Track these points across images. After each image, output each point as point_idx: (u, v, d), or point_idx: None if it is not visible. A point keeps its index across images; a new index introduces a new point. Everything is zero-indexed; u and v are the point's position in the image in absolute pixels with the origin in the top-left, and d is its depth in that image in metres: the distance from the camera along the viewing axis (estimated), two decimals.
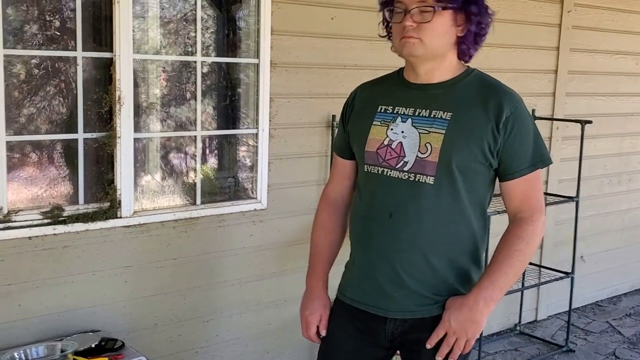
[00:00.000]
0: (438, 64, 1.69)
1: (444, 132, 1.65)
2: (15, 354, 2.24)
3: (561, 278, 3.83)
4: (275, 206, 3.07)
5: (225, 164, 3.13)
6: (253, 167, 3.04)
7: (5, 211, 2.43)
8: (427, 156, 1.65)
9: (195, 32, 2.82)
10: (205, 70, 2.91)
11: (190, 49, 2.89)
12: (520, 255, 1.68)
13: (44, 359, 2.23)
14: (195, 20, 2.81)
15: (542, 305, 4.27)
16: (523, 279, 3.65)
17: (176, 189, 2.95)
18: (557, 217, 4.09)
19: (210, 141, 3.06)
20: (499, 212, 3.01)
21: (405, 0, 1.63)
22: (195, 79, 2.85)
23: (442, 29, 1.64)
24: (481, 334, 1.74)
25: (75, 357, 2.26)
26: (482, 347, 3.57)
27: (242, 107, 3.06)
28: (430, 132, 1.66)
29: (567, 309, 3.90)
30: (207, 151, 3.07)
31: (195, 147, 2.91)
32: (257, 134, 3.00)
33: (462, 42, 1.68)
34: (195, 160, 2.92)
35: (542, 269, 3.96)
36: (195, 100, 2.86)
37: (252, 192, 3.05)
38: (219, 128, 3.06)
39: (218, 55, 3.00)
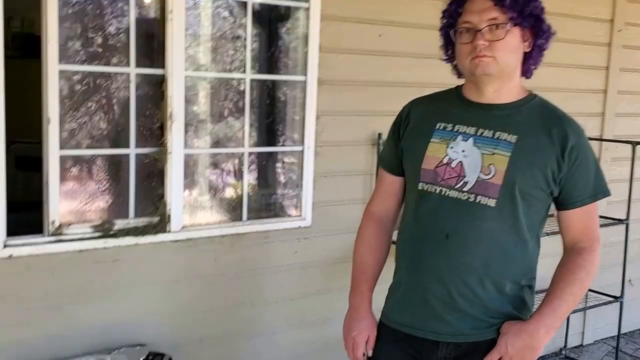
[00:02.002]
0: (506, 82, 1.67)
1: (509, 154, 1.62)
2: None
3: (609, 302, 3.73)
4: (320, 224, 3.06)
5: (271, 180, 3.14)
6: (298, 185, 3.04)
7: (57, 224, 2.46)
8: (491, 178, 1.62)
9: (245, 49, 2.85)
10: (252, 87, 2.93)
11: (237, 67, 2.91)
12: (580, 284, 1.67)
13: None
14: (245, 38, 2.84)
15: (589, 330, 4.16)
16: None
17: (223, 204, 2.97)
18: (606, 240, 3.89)
19: (257, 158, 3.07)
20: (547, 234, 2.94)
21: (474, 20, 1.61)
22: (244, 96, 2.87)
23: (513, 46, 1.62)
24: None
25: None
26: None
27: (288, 125, 3.07)
28: (494, 153, 1.63)
29: (615, 334, 3.80)
30: (254, 168, 3.09)
31: (242, 164, 2.93)
32: (302, 151, 3.00)
33: (528, 57, 1.67)
34: (241, 176, 2.93)
35: (589, 292, 3.85)
36: (243, 117, 2.88)
37: (297, 210, 3.05)
38: (265, 145, 3.07)
39: (265, 72, 3.02)
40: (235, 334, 2.89)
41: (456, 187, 1.65)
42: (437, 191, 1.67)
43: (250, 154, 2.98)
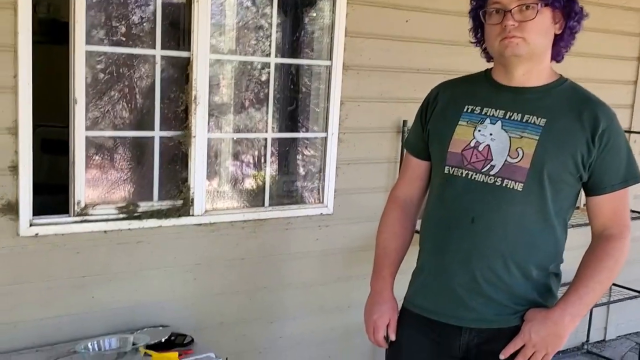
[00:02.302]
0: (536, 65, 1.64)
1: (537, 138, 1.59)
2: (89, 344, 2.29)
3: (634, 297, 3.68)
4: (342, 211, 3.05)
5: (293, 167, 3.13)
6: (321, 172, 3.03)
7: (82, 205, 2.48)
8: (518, 161, 1.60)
9: (270, 33, 2.83)
10: (276, 73, 2.91)
11: (262, 52, 2.90)
12: (608, 273, 1.64)
13: (116, 351, 2.26)
14: (270, 21, 2.82)
15: (611, 325, 4.10)
16: None
17: (245, 190, 2.97)
18: (632, 234, 3.92)
19: (279, 144, 3.06)
20: (572, 226, 2.90)
21: (504, 0, 1.58)
22: (268, 82, 2.86)
23: (544, 27, 1.59)
24: None
25: (146, 350, 2.29)
26: None
27: (311, 110, 3.06)
28: (522, 136, 1.61)
29: (638, 329, 3.74)
30: (276, 154, 3.08)
31: (265, 150, 2.92)
32: (326, 138, 2.98)
33: (559, 40, 1.64)
34: (264, 162, 2.93)
35: (613, 287, 3.79)
36: (267, 102, 2.87)
37: (319, 197, 3.04)
38: (288, 131, 3.06)
39: (290, 56, 3.00)
40: (255, 318, 2.90)
41: (483, 170, 1.63)
42: (464, 175, 1.65)
43: (273, 139, 2.97)
